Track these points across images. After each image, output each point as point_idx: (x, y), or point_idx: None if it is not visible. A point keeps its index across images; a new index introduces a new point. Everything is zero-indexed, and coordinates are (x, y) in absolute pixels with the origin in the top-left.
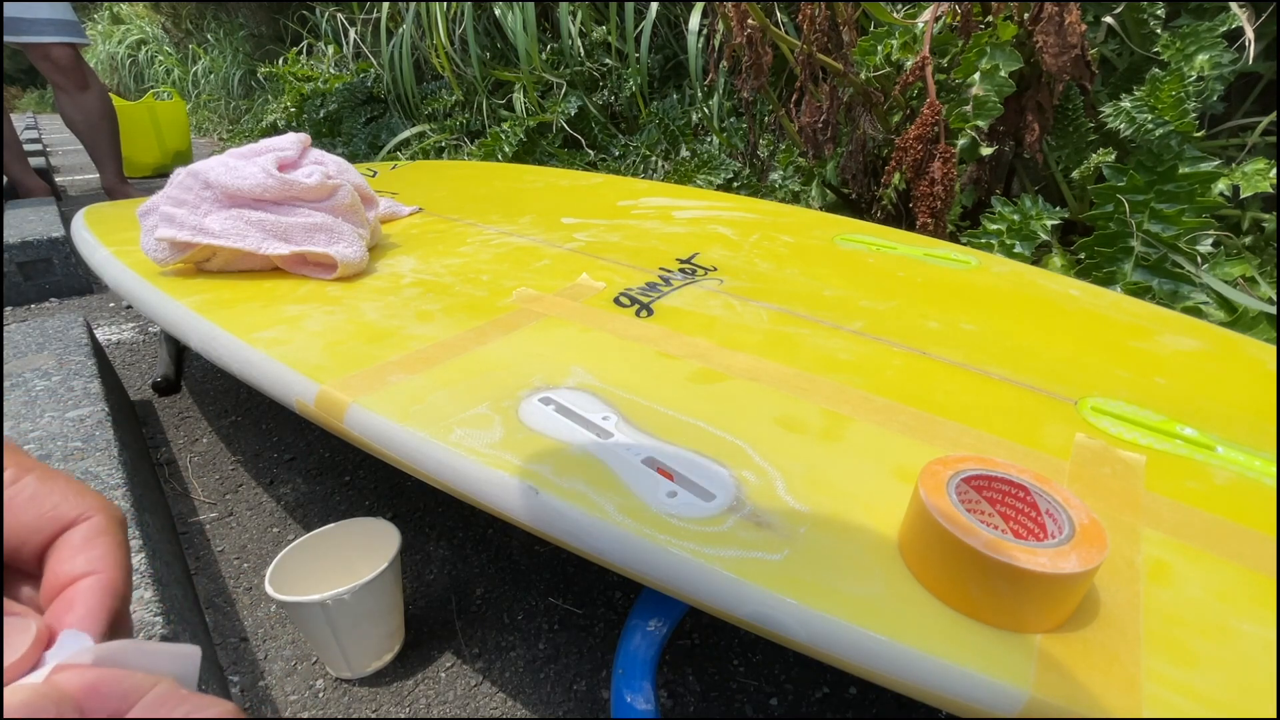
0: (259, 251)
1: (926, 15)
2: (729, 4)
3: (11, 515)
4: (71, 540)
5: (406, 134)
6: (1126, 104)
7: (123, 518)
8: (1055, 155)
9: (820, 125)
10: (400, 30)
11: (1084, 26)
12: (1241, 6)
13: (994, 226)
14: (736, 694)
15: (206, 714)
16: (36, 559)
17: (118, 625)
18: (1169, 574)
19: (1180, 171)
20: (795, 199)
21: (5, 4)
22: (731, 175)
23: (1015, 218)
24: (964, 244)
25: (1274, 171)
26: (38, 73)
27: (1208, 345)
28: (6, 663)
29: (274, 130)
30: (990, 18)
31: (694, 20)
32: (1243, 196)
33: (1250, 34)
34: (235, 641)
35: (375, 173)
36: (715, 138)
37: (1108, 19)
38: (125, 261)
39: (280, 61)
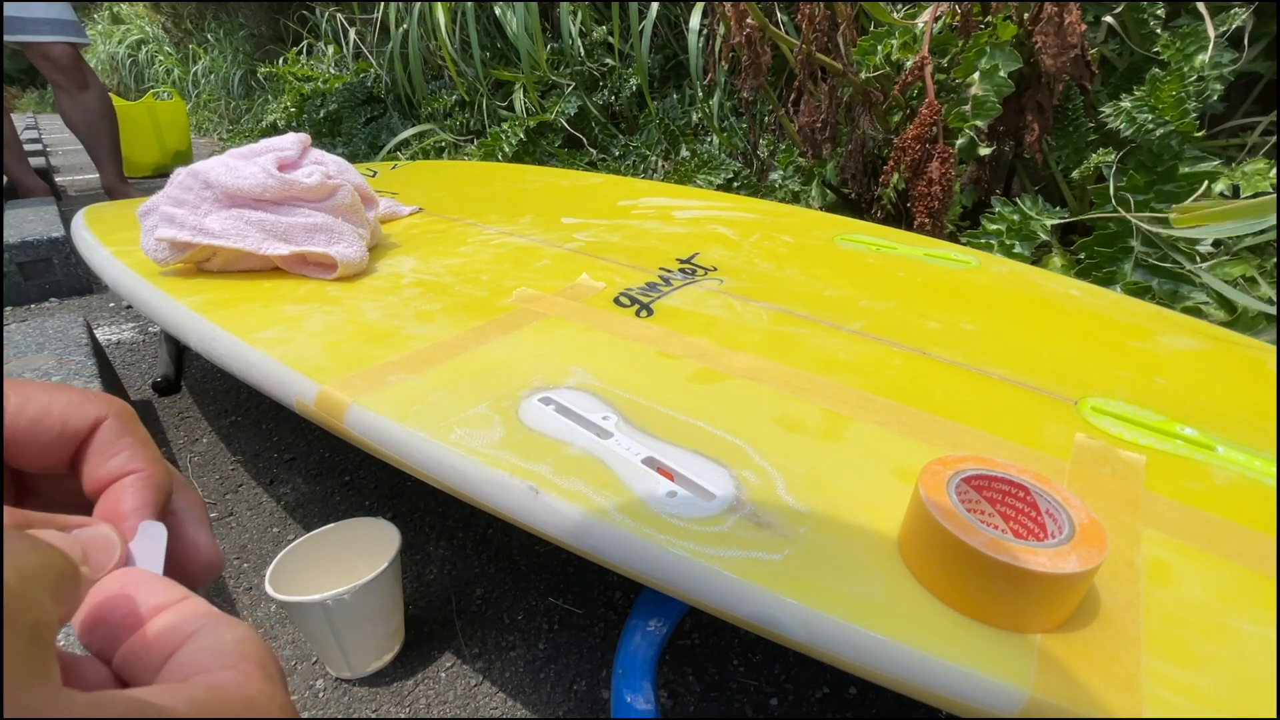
0: (259, 252)
1: (926, 15)
2: (728, 4)
3: (36, 436)
4: (98, 446)
5: (406, 134)
6: (1126, 104)
7: (132, 411)
8: (1055, 155)
9: (819, 125)
10: (400, 30)
11: (1084, 26)
12: (1220, 9)
13: (994, 226)
14: (736, 694)
15: (226, 631)
16: (65, 465)
17: (163, 517)
18: (1169, 574)
19: (1180, 171)
20: (795, 199)
21: (5, 3)
22: (731, 175)
23: (1015, 218)
24: (964, 244)
25: (1274, 171)
26: (38, 73)
27: (1208, 345)
28: (102, 570)
29: (274, 130)
30: (990, 18)
31: (694, 20)
32: (1243, 196)
33: (1211, 32)
34: None
35: (375, 173)
36: (715, 138)
37: (1108, 19)
38: (125, 261)
39: (280, 61)
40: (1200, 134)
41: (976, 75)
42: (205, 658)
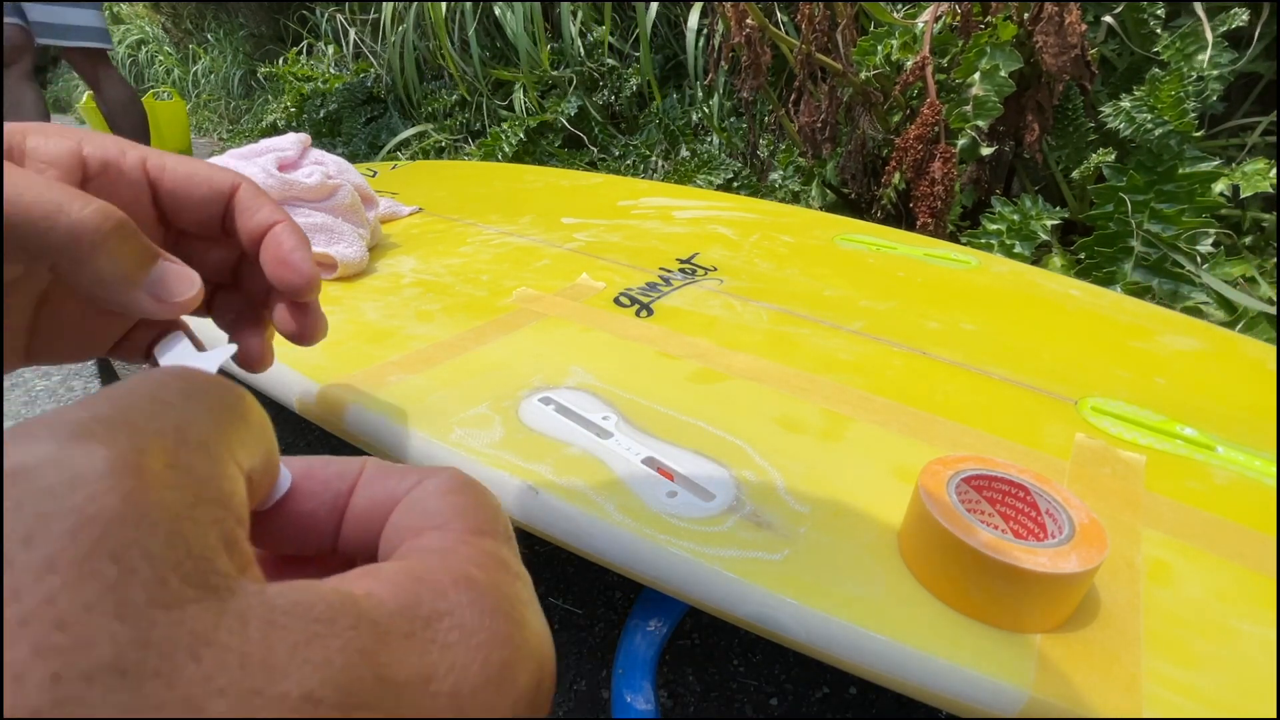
0: None
1: (926, 15)
2: (728, 3)
3: (190, 190)
4: (243, 200)
5: (406, 134)
6: (1126, 104)
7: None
8: (1055, 155)
9: (820, 125)
10: (400, 29)
11: (1084, 26)
12: (1221, 9)
13: (994, 226)
14: (736, 694)
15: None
16: (219, 224)
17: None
18: (1169, 574)
19: (1180, 171)
20: (795, 199)
21: (37, 4)
22: (731, 175)
23: (1015, 218)
24: (964, 244)
25: (1274, 171)
26: (39, 71)
27: (1208, 345)
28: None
29: (274, 130)
30: (990, 18)
31: (694, 19)
32: (1243, 196)
33: (1209, 35)
34: None
35: (375, 173)
36: (716, 137)
37: (1108, 19)
38: None
39: (280, 61)
40: (1200, 134)
41: (977, 75)
42: (415, 519)
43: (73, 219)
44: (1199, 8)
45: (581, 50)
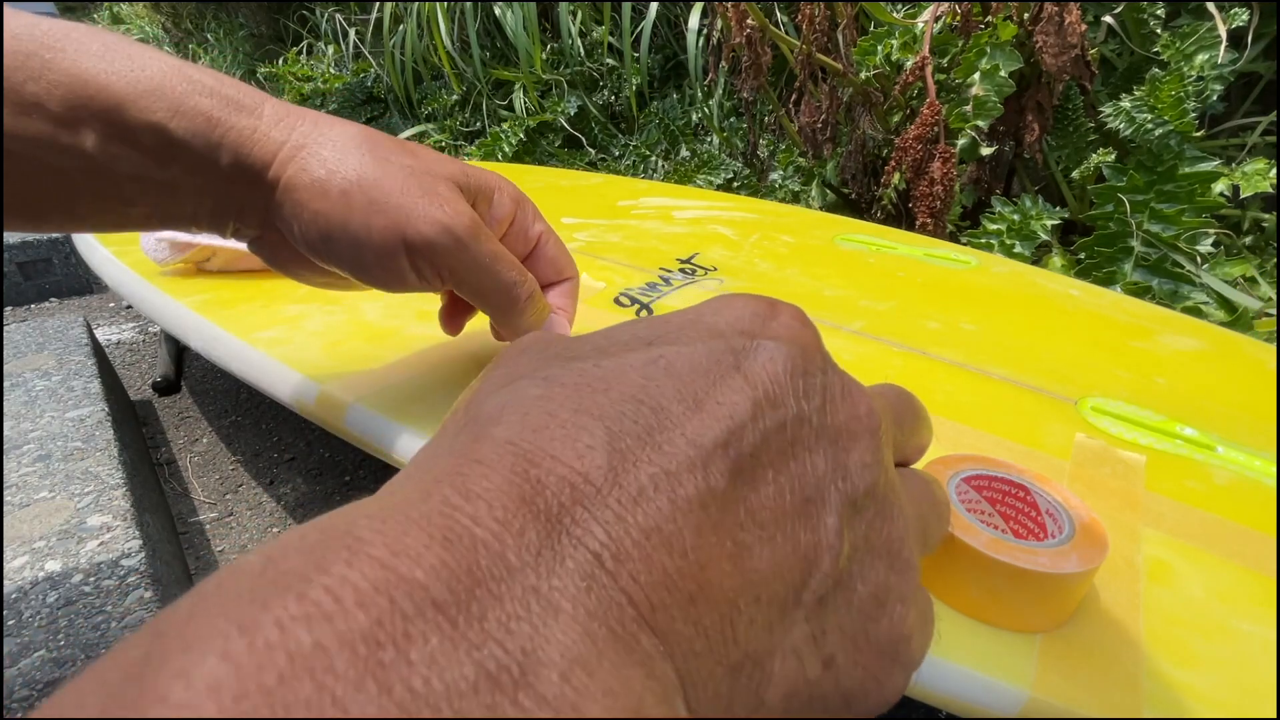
0: None
1: (926, 15)
2: (728, 3)
3: (545, 264)
4: (568, 288)
5: (406, 134)
6: (1126, 104)
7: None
8: (1055, 155)
9: (820, 125)
10: (400, 30)
11: (1084, 26)
12: (1221, 9)
13: (994, 226)
14: None
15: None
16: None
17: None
18: (1169, 574)
19: (1180, 171)
20: (795, 199)
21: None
22: (731, 175)
23: (1015, 218)
24: (964, 244)
25: (1274, 171)
26: None
27: (1208, 345)
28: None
29: None
30: (990, 18)
31: (694, 19)
32: (1243, 196)
33: (1223, 32)
34: None
35: None
36: (715, 137)
37: (1108, 19)
38: (125, 261)
39: (280, 61)
40: (1200, 134)
41: (977, 75)
42: None
43: (517, 292)
44: (1212, 7)
45: (581, 50)
